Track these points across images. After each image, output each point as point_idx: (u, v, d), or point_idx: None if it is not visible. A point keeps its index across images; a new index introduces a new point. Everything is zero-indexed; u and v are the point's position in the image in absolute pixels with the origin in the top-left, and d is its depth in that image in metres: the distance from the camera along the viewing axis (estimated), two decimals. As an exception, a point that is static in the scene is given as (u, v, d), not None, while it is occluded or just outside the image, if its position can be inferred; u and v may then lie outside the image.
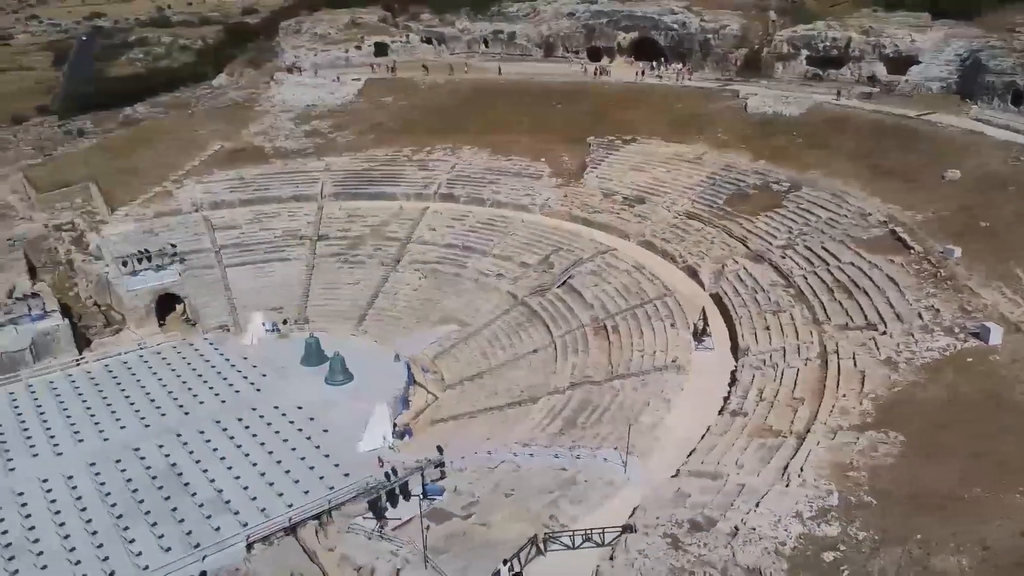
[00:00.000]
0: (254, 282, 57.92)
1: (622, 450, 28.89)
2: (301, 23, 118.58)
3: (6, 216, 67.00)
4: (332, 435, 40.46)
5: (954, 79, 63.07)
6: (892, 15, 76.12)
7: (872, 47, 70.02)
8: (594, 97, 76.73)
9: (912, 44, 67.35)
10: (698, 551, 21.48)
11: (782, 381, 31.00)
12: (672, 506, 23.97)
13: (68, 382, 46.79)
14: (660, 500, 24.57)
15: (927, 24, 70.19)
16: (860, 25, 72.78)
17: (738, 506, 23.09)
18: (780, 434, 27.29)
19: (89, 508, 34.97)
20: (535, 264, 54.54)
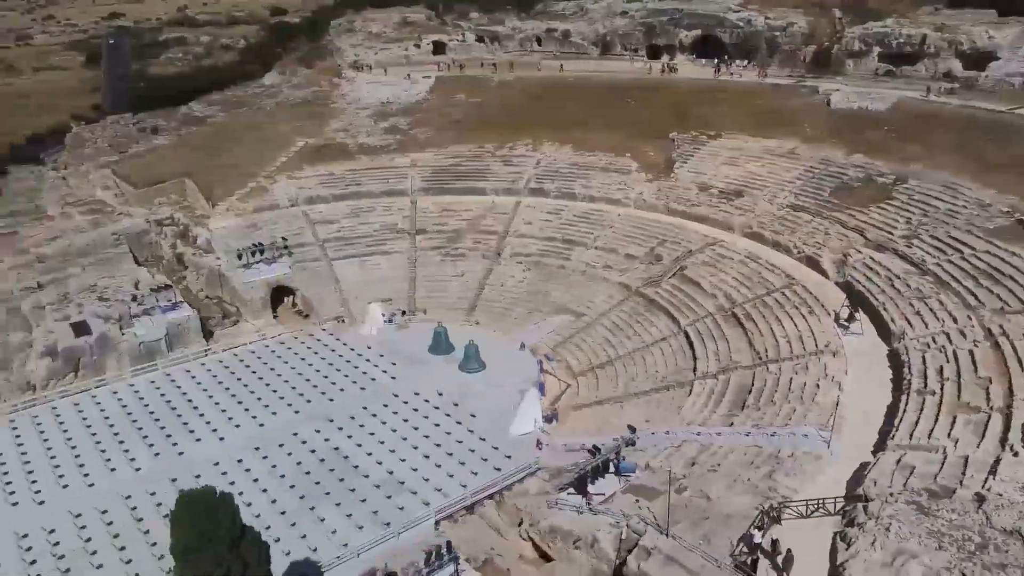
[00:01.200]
0: (360, 275, 59.16)
1: (818, 427, 30.24)
2: (352, 22, 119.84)
3: (103, 211, 68.21)
4: (481, 420, 41.75)
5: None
6: (961, 12, 77.48)
7: (948, 44, 71.26)
8: (668, 94, 78.05)
9: (990, 40, 68.66)
10: (948, 516, 22.79)
11: (959, 362, 32.31)
12: (900, 477, 25.28)
13: (204, 371, 48.05)
14: (884, 472, 25.87)
15: (1002, 21, 71.49)
16: (933, 22, 74.08)
17: (971, 475, 24.41)
18: (979, 410, 28.62)
19: (270, 490, 36.18)
20: (642, 256, 55.84)
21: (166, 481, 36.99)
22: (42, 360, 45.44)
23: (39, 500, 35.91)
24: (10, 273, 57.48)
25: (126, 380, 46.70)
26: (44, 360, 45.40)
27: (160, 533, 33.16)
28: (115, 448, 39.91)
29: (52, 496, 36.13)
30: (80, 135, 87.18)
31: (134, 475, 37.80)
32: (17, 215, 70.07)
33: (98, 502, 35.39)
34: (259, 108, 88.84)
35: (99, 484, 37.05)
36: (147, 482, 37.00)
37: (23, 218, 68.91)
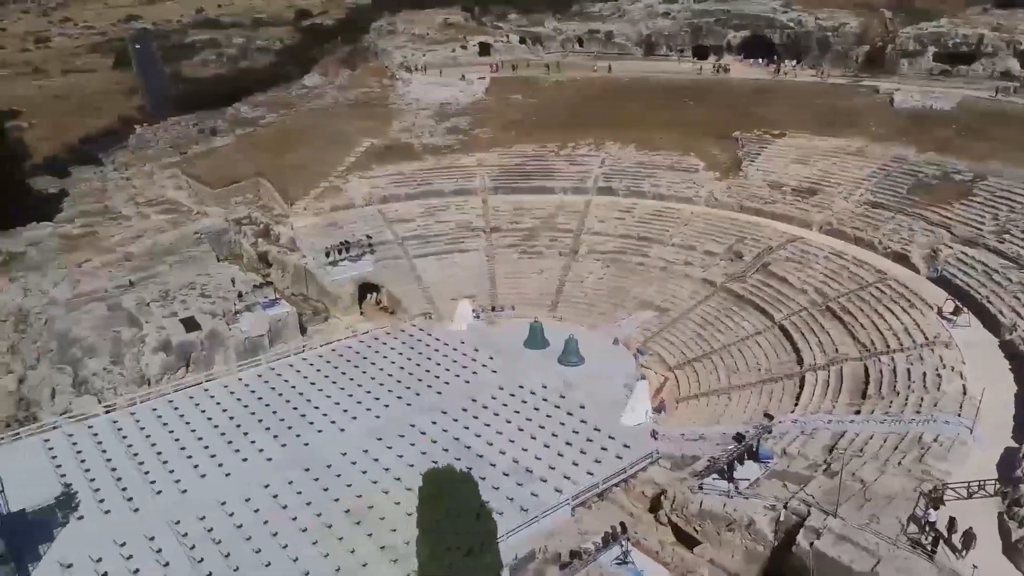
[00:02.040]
0: (440, 271, 60.40)
1: (955, 413, 31.48)
2: (393, 23, 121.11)
3: (178, 211, 69.58)
4: (591, 411, 42.92)
5: (1099, 73, 65.45)
6: (1013, 12, 78.69)
7: (1006, 43, 72.43)
8: (724, 93, 79.38)
9: (1050, 40, 69.70)
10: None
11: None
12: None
13: (306, 365, 49.25)
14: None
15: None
16: (989, 22, 75.28)
17: None
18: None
19: (403, 478, 37.30)
20: (721, 252, 57.08)
21: (299, 470, 38.22)
22: (156, 355, 46.71)
23: (181, 489, 37.11)
24: (101, 271, 58.88)
25: (234, 374, 47.91)
26: (158, 355, 46.68)
27: (304, 518, 34.64)
28: (241, 439, 41.11)
29: (192, 486, 37.33)
30: (143, 136, 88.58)
31: (266, 464, 39.01)
32: (88, 215, 71.51)
33: (238, 491, 36.55)
34: (314, 109, 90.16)
35: (235, 474, 38.26)
36: (279, 471, 38.18)
37: (96, 218, 70.34)
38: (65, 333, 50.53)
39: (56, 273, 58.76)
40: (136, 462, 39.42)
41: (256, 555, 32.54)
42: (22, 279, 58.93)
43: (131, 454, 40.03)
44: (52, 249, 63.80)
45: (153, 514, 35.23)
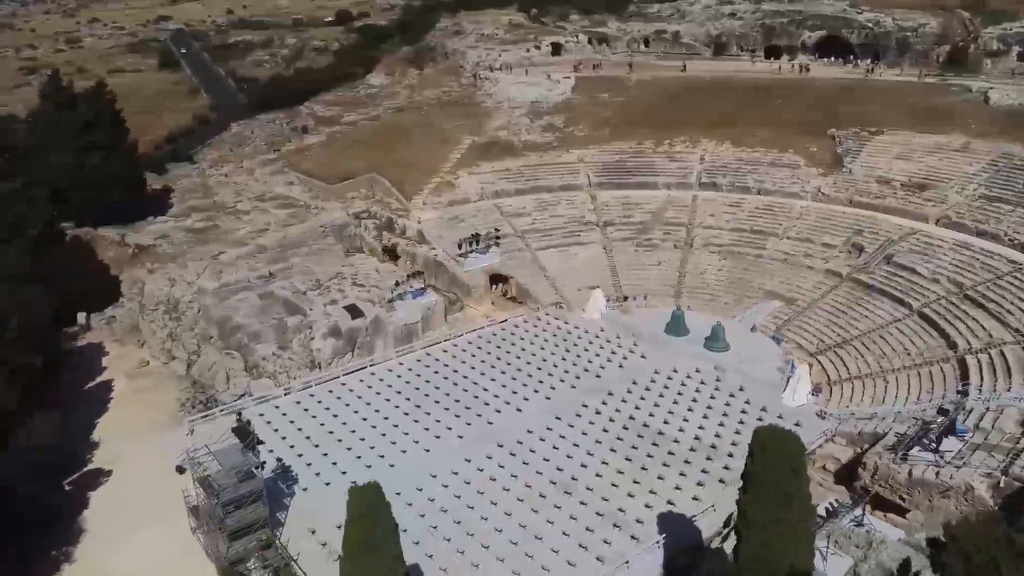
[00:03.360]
0: (562, 263, 62.64)
1: None
2: (460, 24, 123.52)
3: (293, 205, 71.98)
4: (750, 392, 45.13)
5: None
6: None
7: (1093, 44, 74.31)
8: (811, 92, 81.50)
9: None
10: None
11: None
12: None
13: (459, 350, 51.52)
14: None
15: None
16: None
17: None
18: None
19: (595, 453, 39.60)
20: (840, 245, 59.25)
21: (492, 446, 40.51)
22: (326, 340, 49.03)
23: (389, 463, 39.38)
24: (239, 262, 61.24)
25: (394, 359, 50.20)
26: (328, 340, 49.00)
27: (517, 489, 36.84)
28: (424, 419, 43.36)
29: (398, 460, 39.57)
30: (241, 134, 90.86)
31: (459, 441, 41.29)
32: (201, 210, 73.85)
33: (443, 465, 38.79)
34: (404, 108, 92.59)
35: (433, 450, 40.53)
36: (474, 447, 40.45)
37: (212, 212, 72.67)
38: (225, 321, 52.81)
39: (196, 264, 61.04)
40: (335, 439, 41.70)
41: (484, 522, 34.81)
42: (161, 270, 61.28)
43: (326, 432, 42.32)
44: (181, 242, 66.15)
45: (373, 486, 37.35)
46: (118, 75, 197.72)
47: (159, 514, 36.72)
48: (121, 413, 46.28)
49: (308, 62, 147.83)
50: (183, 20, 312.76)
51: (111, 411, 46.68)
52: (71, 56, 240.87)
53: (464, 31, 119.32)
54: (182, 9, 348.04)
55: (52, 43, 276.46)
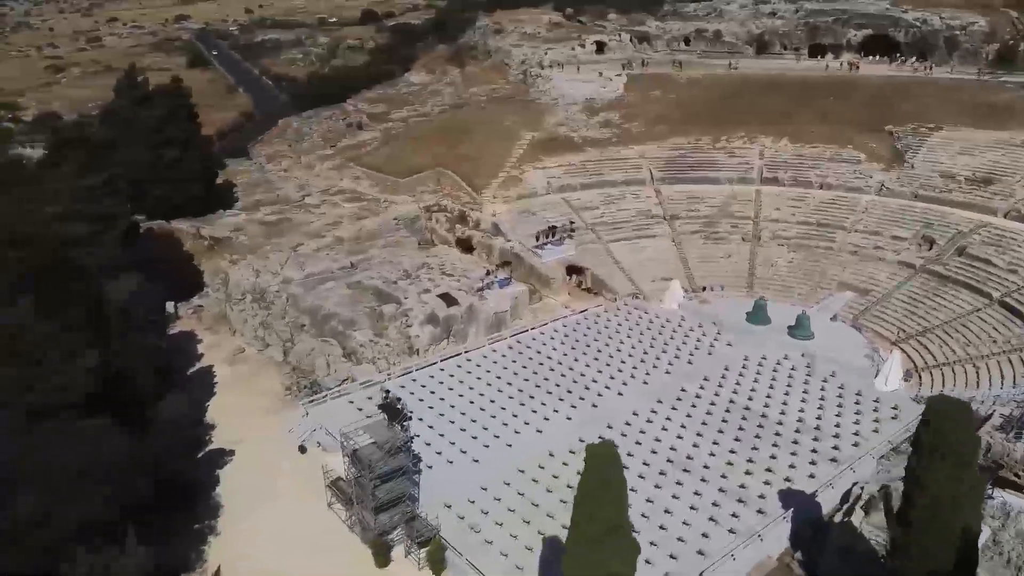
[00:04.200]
0: (633, 255, 64.05)
1: None
2: (500, 23, 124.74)
3: (361, 199, 73.44)
4: (842, 378, 46.45)
5: None
6: None
7: None
8: (863, 90, 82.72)
9: None
10: None
11: None
12: None
13: (547, 338, 52.87)
14: None
15: None
16: None
17: None
18: None
19: (703, 434, 41.00)
20: (910, 238, 60.57)
21: (601, 426, 41.86)
22: (423, 327, 50.45)
23: (506, 443, 40.77)
24: (319, 254, 62.72)
25: (486, 346, 51.58)
26: (426, 327, 50.42)
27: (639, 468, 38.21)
28: (529, 401, 44.72)
29: (513, 440, 40.96)
30: (300, 130, 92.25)
31: (568, 423, 42.67)
32: (268, 204, 75.26)
33: (559, 444, 40.15)
34: (460, 105, 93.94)
35: (545, 431, 41.93)
36: (584, 428, 41.74)
37: (279, 206, 74.06)
38: (316, 309, 54.23)
39: (278, 255, 62.50)
40: (446, 420, 43.09)
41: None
42: (242, 261, 62.72)
43: (437, 414, 43.70)
44: (256, 234, 67.61)
45: (493, 463, 38.87)
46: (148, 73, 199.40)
47: (291, 490, 38.21)
48: (230, 396, 47.70)
49: (344, 60, 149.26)
50: (201, 19, 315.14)
51: (220, 395, 48.10)
52: (96, 55, 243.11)
53: (505, 30, 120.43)
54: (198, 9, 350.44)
55: (71, 42, 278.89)
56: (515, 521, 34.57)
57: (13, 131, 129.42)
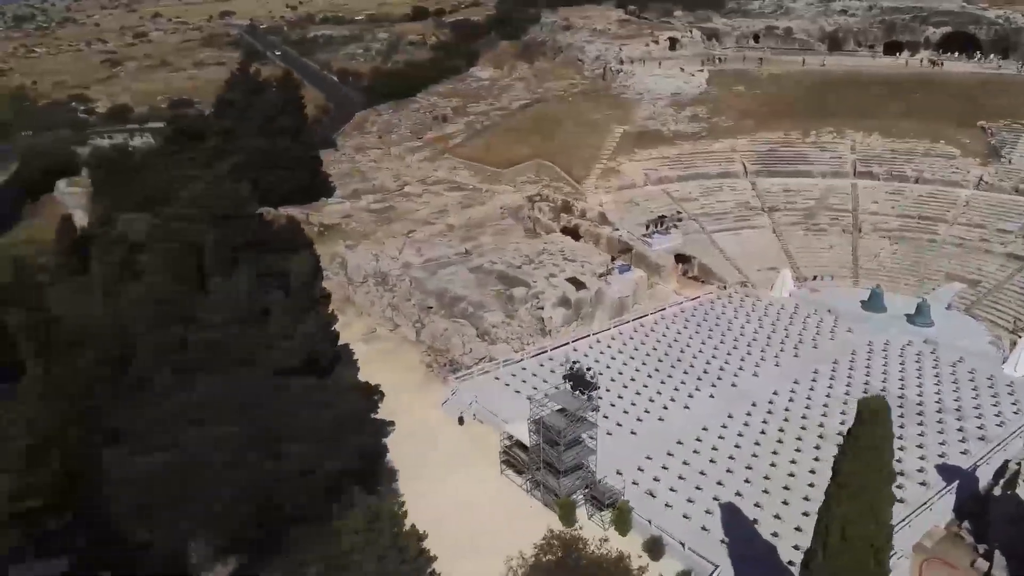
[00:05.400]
0: (737, 245, 65.64)
1: None
2: (567, 20, 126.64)
3: (463, 188, 75.68)
4: (971, 363, 47.90)
5: None
6: None
7: None
8: (948, 87, 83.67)
9: None
10: None
11: None
12: None
13: (668, 323, 54.72)
14: None
15: None
16: None
17: None
18: None
19: (847, 412, 42.62)
20: (1015, 231, 61.67)
21: (747, 404, 43.73)
22: (555, 309, 52.51)
23: (657, 417, 42.70)
24: (434, 240, 65.01)
25: (611, 328, 53.50)
26: (558, 309, 52.48)
27: (787, 439, 39.94)
28: (670, 381, 46.61)
29: (665, 416, 42.84)
30: (389, 122, 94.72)
31: (712, 401, 44.49)
32: (365, 193, 77.66)
33: (710, 420, 42.02)
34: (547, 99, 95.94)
35: (692, 408, 43.75)
36: (729, 406, 43.56)
37: (380, 194, 76.46)
38: (442, 292, 56.47)
39: (393, 241, 64.86)
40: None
41: (773, 468, 37.96)
42: (358, 246, 65.13)
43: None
44: (367, 221, 70.09)
45: (652, 436, 40.80)
46: (203, 68, 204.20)
47: (459, 458, 40.35)
48: (375, 372, 49.87)
49: (407, 55, 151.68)
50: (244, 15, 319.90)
51: (364, 369, 50.29)
52: (148, 49, 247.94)
53: (574, 26, 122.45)
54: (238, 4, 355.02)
55: (119, 37, 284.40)
56: (687, 488, 36.49)
57: (92, 123, 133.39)
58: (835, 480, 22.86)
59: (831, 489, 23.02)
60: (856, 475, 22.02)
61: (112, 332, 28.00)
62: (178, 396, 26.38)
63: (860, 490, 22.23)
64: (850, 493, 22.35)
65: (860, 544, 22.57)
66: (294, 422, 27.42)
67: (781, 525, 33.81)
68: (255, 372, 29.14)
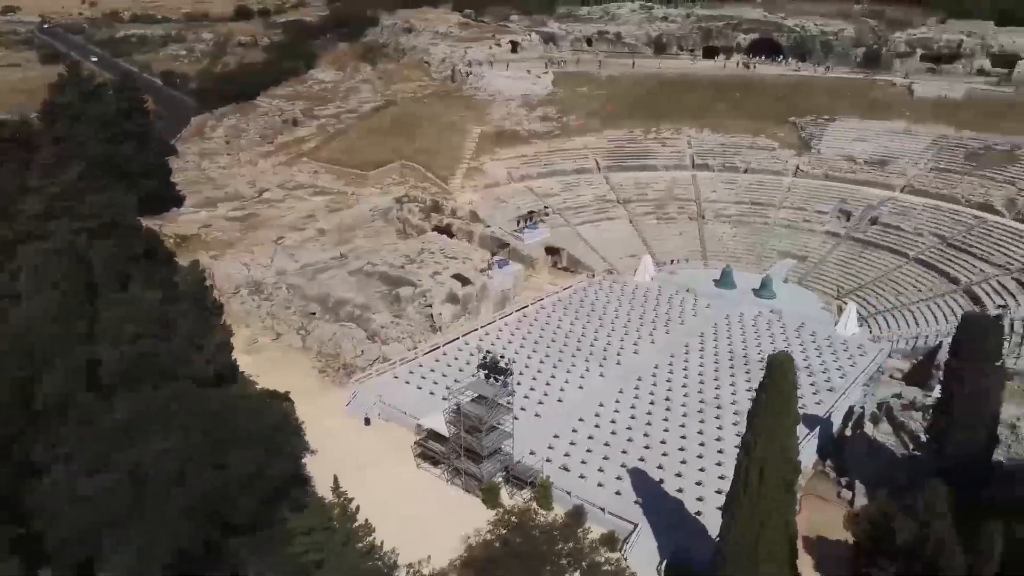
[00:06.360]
0: (599, 236, 70.32)
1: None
2: (409, 22, 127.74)
3: (327, 192, 74.68)
4: (810, 327, 54.99)
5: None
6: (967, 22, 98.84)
7: (980, 47, 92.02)
8: (763, 87, 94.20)
9: (1014, 44, 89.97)
10: None
11: None
12: None
13: (549, 311, 57.68)
14: None
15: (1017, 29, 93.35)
16: (964, 29, 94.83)
17: None
18: None
19: (720, 378, 47.77)
20: (830, 212, 71.11)
21: (633, 379, 47.43)
22: (444, 305, 53.81)
23: (556, 399, 45.36)
24: (307, 245, 64.04)
25: (497, 321, 55.61)
26: (447, 305, 53.80)
27: (674, 407, 44.18)
28: (563, 364, 49.47)
29: (564, 397, 45.49)
30: (236, 127, 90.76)
31: (603, 380, 47.87)
32: (220, 201, 74.80)
33: (605, 397, 45.31)
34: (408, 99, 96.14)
35: (586, 387, 46.83)
36: (620, 382, 47.05)
37: (239, 202, 73.89)
38: (325, 297, 56.04)
39: (261, 249, 63.05)
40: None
41: (665, 433, 41.87)
42: (223, 256, 62.71)
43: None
44: (229, 230, 67.48)
45: (555, 416, 43.36)
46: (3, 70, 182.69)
47: (374, 458, 40.67)
48: (266, 383, 48.56)
49: (238, 57, 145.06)
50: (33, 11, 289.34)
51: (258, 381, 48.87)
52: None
53: (415, 28, 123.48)
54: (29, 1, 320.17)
55: None
56: (596, 459, 39.32)
57: None
58: (751, 428, 26.25)
59: (747, 437, 26.39)
60: (768, 422, 25.49)
61: (15, 358, 25.97)
62: (105, 416, 25.12)
63: (772, 434, 25.76)
64: (765, 438, 25.80)
65: (775, 481, 26.13)
66: (233, 431, 26.92)
67: (683, 482, 37.42)
68: (178, 385, 28.15)
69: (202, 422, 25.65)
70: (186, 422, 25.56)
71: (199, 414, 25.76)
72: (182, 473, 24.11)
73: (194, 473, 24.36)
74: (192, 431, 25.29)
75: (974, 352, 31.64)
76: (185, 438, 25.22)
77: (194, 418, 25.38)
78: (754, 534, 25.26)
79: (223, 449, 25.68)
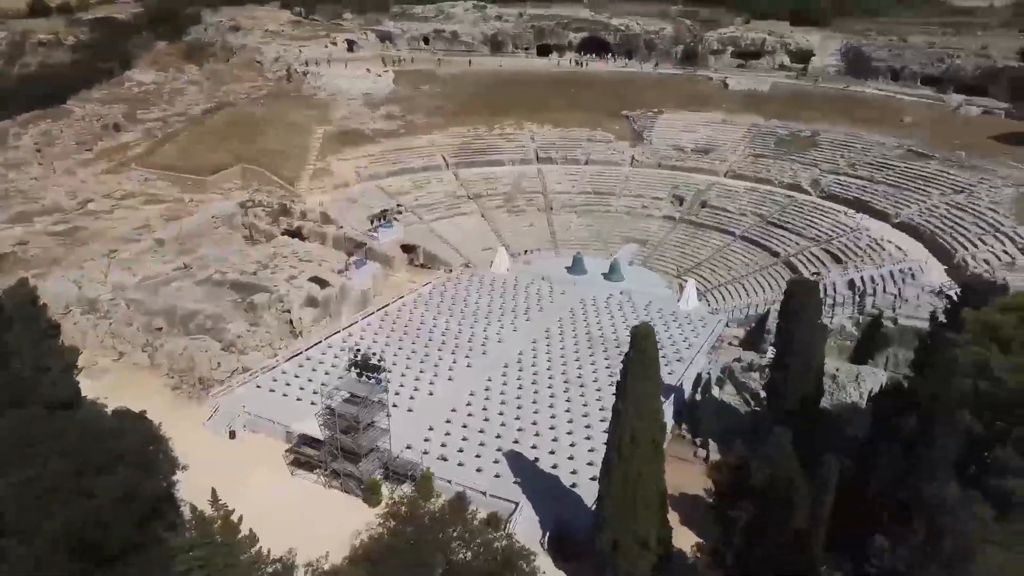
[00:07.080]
0: (453, 231, 71.46)
1: (900, 262, 54.05)
2: (235, 20, 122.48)
3: (162, 200, 70.40)
4: (657, 305, 59.26)
5: (842, 65, 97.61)
6: (769, 23, 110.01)
7: (780, 45, 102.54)
8: (598, 83, 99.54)
9: (808, 42, 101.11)
10: None
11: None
12: None
13: (412, 308, 57.99)
14: None
15: (809, 29, 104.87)
16: (767, 29, 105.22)
17: None
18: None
19: (581, 358, 50.46)
20: (665, 197, 76.66)
21: (500, 367, 48.95)
22: (303, 309, 52.61)
23: (427, 392, 45.91)
24: (143, 257, 60.25)
25: (360, 321, 55.22)
26: (306, 309, 52.61)
27: (542, 388, 46.24)
28: (432, 356, 50.09)
29: (434, 390, 46.08)
30: (49, 132, 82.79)
31: (470, 370, 48.84)
32: (37, 214, 68.68)
33: (474, 385, 46.44)
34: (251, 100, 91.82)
35: (456, 379, 47.68)
36: (488, 371, 48.36)
37: (60, 215, 68.14)
38: (171, 310, 53.06)
39: (92, 265, 58.53)
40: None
41: (535, 414, 43.74)
42: (48, 275, 57.66)
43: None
44: (49, 246, 62.04)
45: (427, 410, 43.90)
46: None
47: (245, 471, 39.32)
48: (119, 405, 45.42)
49: (40, 57, 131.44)
50: None
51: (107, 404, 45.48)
52: None
53: (243, 27, 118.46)
54: None
55: None
56: (472, 447, 40.32)
57: None
58: (621, 395, 28.27)
59: (618, 405, 28.40)
60: (637, 387, 27.60)
61: None
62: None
63: (641, 399, 27.92)
64: (634, 404, 27.91)
65: (645, 443, 28.33)
66: (97, 454, 25.28)
67: (556, 458, 39.23)
68: (27, 412, 25.96)
69: (61, 447, 23.91)
70: (43, 450, 23.74)
71: (57, 439, 23.98)
72: (46, 504, 22.40)
73: (59, 503, 22.70)
74: (51, 458, 23.53)
75: (800, 313, 35.75)
76: (44, 466, 23.45)
77: (52, 444, 23.59)
78: (632, 493, 27.25)
79: (88, 474, 24.07)
